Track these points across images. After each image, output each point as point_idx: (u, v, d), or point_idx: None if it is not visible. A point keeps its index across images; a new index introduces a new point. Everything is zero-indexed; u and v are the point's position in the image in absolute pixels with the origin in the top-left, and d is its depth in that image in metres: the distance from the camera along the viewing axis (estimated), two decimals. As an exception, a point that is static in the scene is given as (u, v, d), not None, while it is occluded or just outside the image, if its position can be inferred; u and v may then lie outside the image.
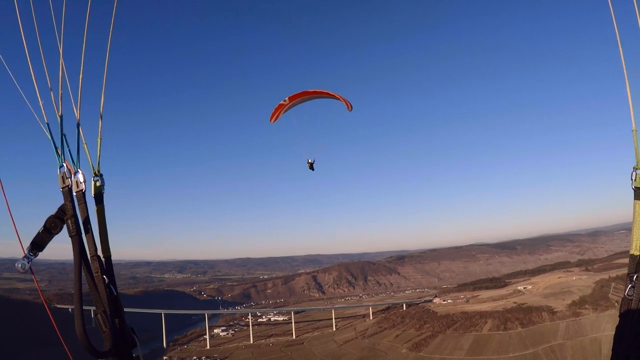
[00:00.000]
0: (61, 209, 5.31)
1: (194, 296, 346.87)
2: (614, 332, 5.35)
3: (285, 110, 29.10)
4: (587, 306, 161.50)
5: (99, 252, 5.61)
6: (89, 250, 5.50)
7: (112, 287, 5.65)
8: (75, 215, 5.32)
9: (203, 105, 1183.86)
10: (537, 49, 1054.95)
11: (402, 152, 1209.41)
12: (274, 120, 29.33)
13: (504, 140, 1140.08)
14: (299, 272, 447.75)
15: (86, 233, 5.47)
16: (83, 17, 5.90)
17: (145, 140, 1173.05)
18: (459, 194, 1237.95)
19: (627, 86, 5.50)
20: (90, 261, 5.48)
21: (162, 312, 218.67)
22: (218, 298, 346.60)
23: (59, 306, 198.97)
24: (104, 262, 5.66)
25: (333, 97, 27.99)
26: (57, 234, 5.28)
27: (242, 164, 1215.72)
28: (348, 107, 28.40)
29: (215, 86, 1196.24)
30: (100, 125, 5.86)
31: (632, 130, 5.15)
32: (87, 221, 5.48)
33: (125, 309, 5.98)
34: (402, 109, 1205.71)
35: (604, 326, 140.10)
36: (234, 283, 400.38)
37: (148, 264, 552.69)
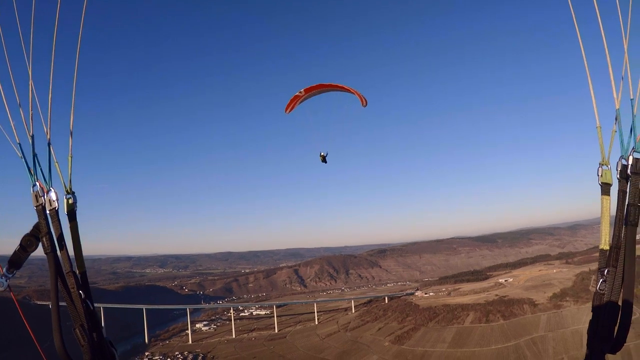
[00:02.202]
0: (36, 227, 5.38)
1: (176, 291, 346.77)
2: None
3: (300, 102, 29.31)
4: (568, 298, 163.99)
5: (75, 268, 5.64)
6: (65, 267, 5.55)
7: (88, 302, 5.67)
8: (49, 233, 5.39)
9: (184, 99, 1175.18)
10: (516, 44, 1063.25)
11: (384, 146, 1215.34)
12: (289, 111, 29.63)
13: (486, 134, 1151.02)
14: (281, 265, 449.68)
15: (61, 250, 5.52)
16: (51, 37, 5.90)
17: (125, 135, 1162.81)
18: (439, 188, 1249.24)
19: (590, 84, 5.72)
20: (66, 277, 5.52)
21: (144, 307, 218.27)
22: (200, 292, 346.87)
23: (38, 302, 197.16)
24: (79, 278, 5.69)
25: (348, 91, 28.25)
26: (33, 251, 5.37)
27: (223, 158, 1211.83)
28: (362, 103, 28.53)
29: (196, 80, 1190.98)
30: (70, 144, 5.93)
31: (597, 127, 5.35)
32: (61, 238, 5.54)
33: (107, 305, 6.04)
34: (383, 102, 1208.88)
35: (584, 318, 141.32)
36: (215, 277, 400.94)
37: (129, 258, 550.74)
